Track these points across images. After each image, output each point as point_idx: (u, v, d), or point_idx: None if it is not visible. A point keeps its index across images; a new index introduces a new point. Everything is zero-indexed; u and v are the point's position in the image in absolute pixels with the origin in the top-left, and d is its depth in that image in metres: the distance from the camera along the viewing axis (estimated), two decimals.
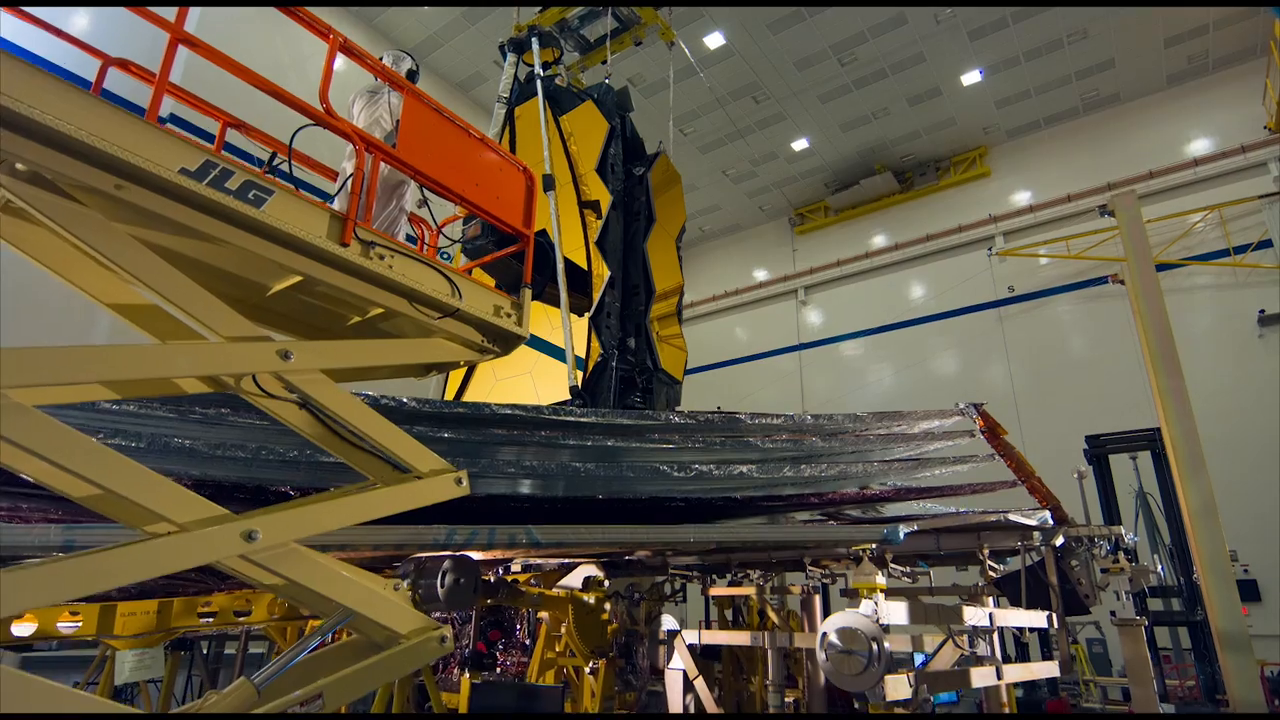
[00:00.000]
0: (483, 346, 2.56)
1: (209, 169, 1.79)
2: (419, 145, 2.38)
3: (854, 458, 4.72)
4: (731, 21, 15.38)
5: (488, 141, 2.65)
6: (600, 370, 7.13)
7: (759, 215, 22.89)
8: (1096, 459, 8.45)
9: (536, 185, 2.83)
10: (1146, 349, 5.84)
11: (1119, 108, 17.70)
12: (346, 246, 2.05)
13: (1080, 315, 16.96)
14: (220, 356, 1.87)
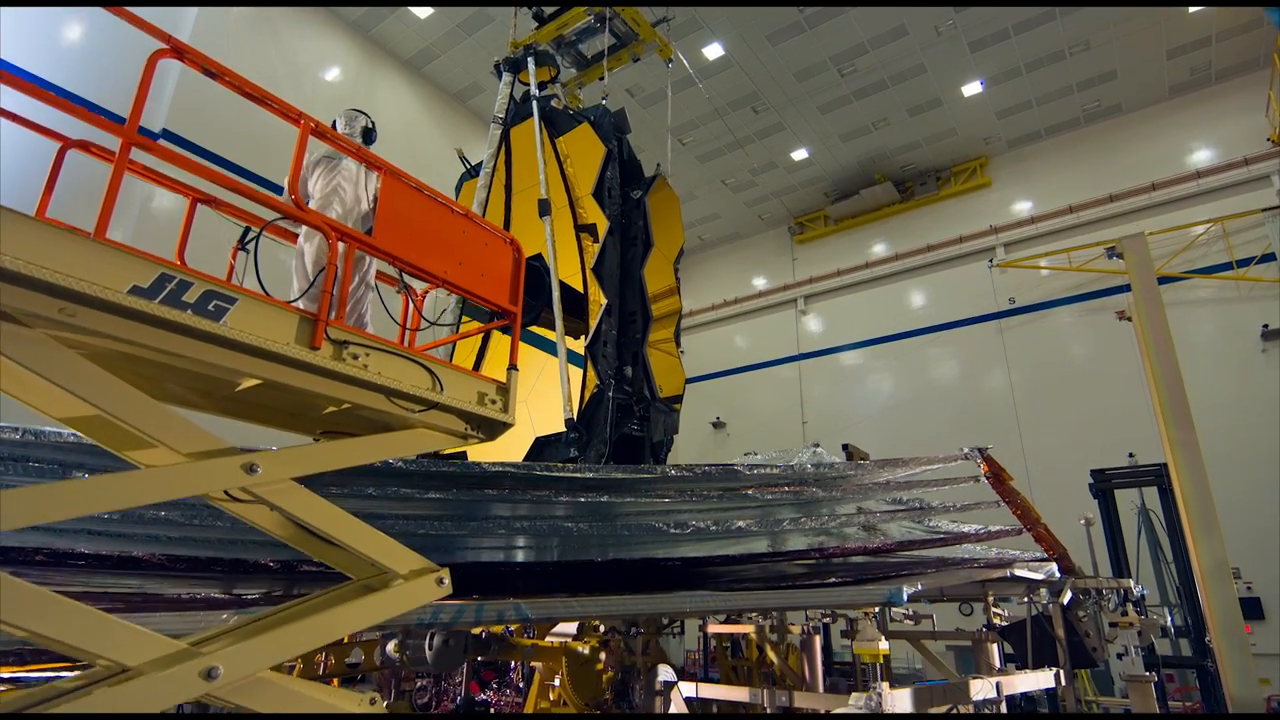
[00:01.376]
0: (466, 434, 2.43)
1: (164, 283, 1.66)
2: (397, 229, 2.25)
3: (855, 507, 4.59)
4: (731, 33, 15.25)
5: (472, 216, 2.52)
6: (597, 401, 7.00)
7: (758, 224, 22.76)
8: (1102, 493, 8.31)
9: (523, 256, 2.71)
10: (1156, 398, 5.69)
11: (1121, 119, 17.58)
12: (317, 350, 1.93)
13: (1082, 327, 16.84)
14: (180, 480, 1.74)
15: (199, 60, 2.02)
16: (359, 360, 2.03)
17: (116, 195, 1.78)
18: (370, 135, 4.03)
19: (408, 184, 2.35)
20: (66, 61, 11.08)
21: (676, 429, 7.83)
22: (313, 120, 2.22)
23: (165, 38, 1.97)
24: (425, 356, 2.22)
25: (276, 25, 13.79)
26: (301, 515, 1.99)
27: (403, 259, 2.23)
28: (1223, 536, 5.09)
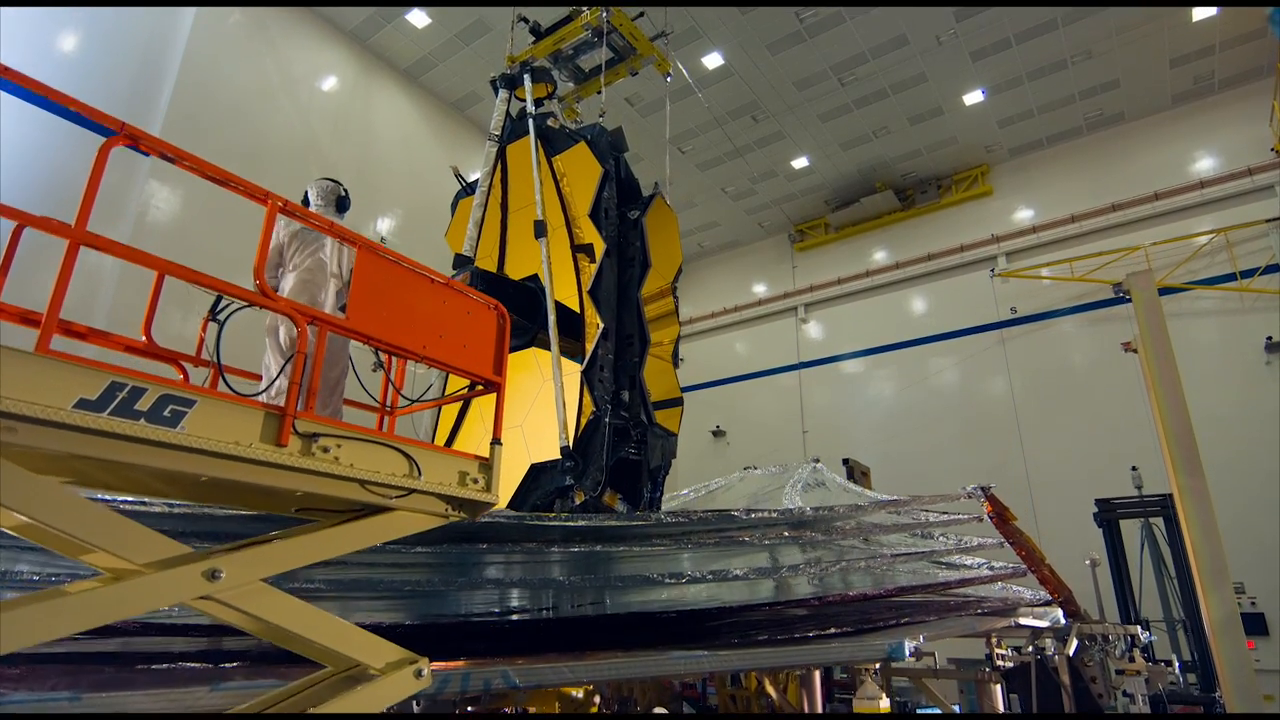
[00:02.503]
0: (448, 514, 2.32)
1: (115, 393, 1.55)
2: (372, 306, 2.15)
3: (856, 552, 4.49)
4: (730, 42, 15.14)
5: (453, 285, 2.42)
6: (593, 428, 6.88)
7: (758, 231, 22.65)
8: (1107, 523, 8.18)
9: (508, 322, 2.60)
10: (1165, 443, 5.56)
11: (1123, 127, 17.46)
12: (284, 447, 1.82)
13: (1084, 337, 16.73)
14: (135, 596, 1.64)
15: (155, 147, 1.91)
16: (330, 453, 1.92)
17: (63, 299, 1.67)
18: (344, 204, 3.93)
19: (384, 257, 2.24)
20: (63, 68, 10.98)
21: (674, 453, 7.72)
22: (280, 199, 2.10)
23: (119, 125, 1.86)
24: (402, 440, 2.11)
25: (272, 35, 13.70)
26: (271, 618, 1.88)
27: (377, 338, 2.12)
28: (1232, 590, 4.98)
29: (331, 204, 4.09)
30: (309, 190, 4.10)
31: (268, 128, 13.31)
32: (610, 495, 7.04)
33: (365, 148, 15.13)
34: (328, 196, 4.00)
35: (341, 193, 4.07)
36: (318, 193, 4.01)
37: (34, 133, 10.54)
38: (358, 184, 14.72)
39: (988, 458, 16.90)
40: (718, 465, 20.86)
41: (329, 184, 4.11)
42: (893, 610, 4.52)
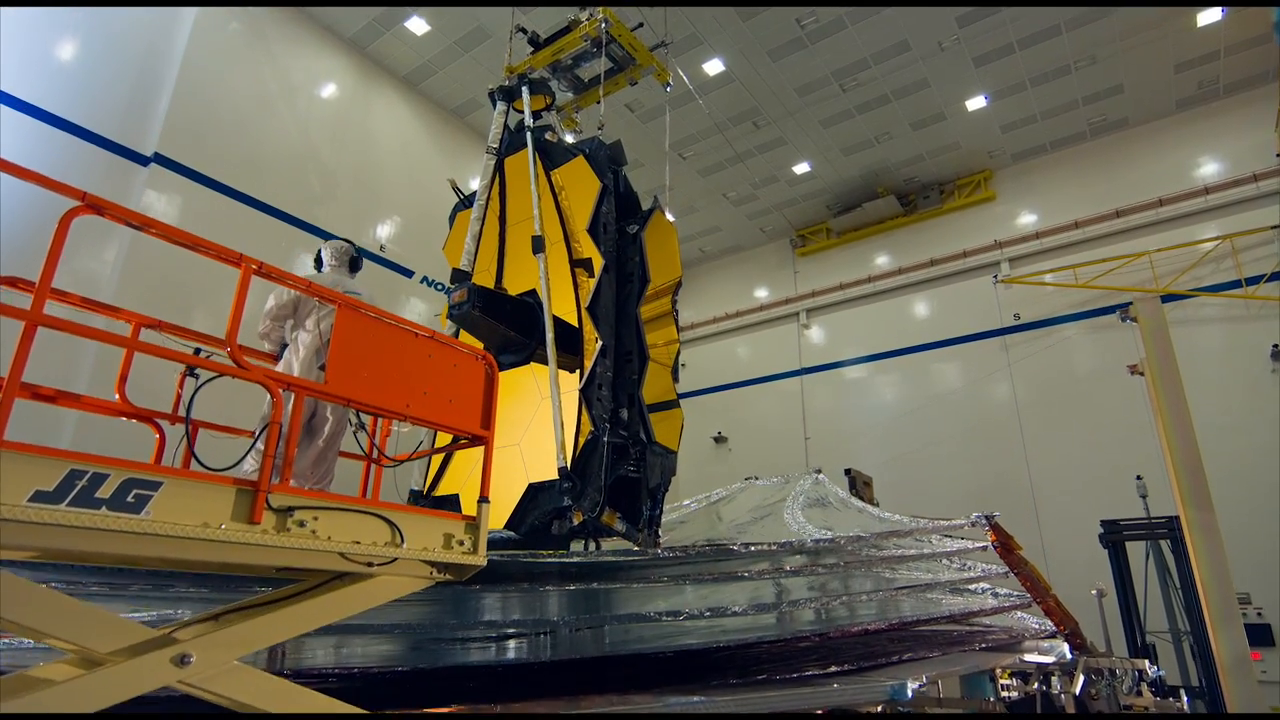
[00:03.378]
0: (433, 576, 2.24)
1: (74, 481, 1.48)
2: (352, 367, 2.07)
3: (859, 582, 4.40)
4: (731, 49, 15.05)
5: (438, 338, 2.34)
6: (591, 447, 6.79)
7: (760, 236, 22.56)
8: (1112, 544, 8.07)
9: (496, 372, 2.52)
10: (1174, 474, 5.46)
11: (1127, 133, 17.34)
12: (257, 525, 1.74)
13: (1088, 344, 16.61)
14: (103, 690, 1.56)
15: (120, 215, 1.83)
16: (306, 527, 1.84)
17: (20, 378, 1.59)
18: (357, 264, 3.89)
19: (366, 314, 2.16)
20: (62, 78, 10.92)
21: (674, 471, 7.63)
22: (255, 262, 2.02)
23: (80, 195, 1.78)
24: (384, 506, 2.03)
25: (271, 43, 13.64)
26: (248, 700, 1.80)
27: (358, 401, 2.04)
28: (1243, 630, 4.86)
29: (345, 264, 4.05)
30: (323, 250, 4.05)
31: (267, 136, 13.25)
32: (609, 514, 6.94)
33: (364, 155, 15.07)
34: (341, 257, 3.96)
35: (354, 253, 4.02)
36: (331, 253, 3.96)
37: (36, 146, 10.49)
38: (356, 191, 14.70)
39: (991, 464, 16.81)
40: (720, 471, 20.77)
41: (342, 244, 4.07)
42: (896, 641, 4.44)
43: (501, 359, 7.94)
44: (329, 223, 13.94)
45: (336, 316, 2.11)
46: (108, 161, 11.16)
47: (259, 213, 12.79)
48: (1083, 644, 4.49)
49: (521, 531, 6.85)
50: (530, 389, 7.66)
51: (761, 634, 4.24)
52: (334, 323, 2.12)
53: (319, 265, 4.15)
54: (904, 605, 4.66)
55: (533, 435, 7.42)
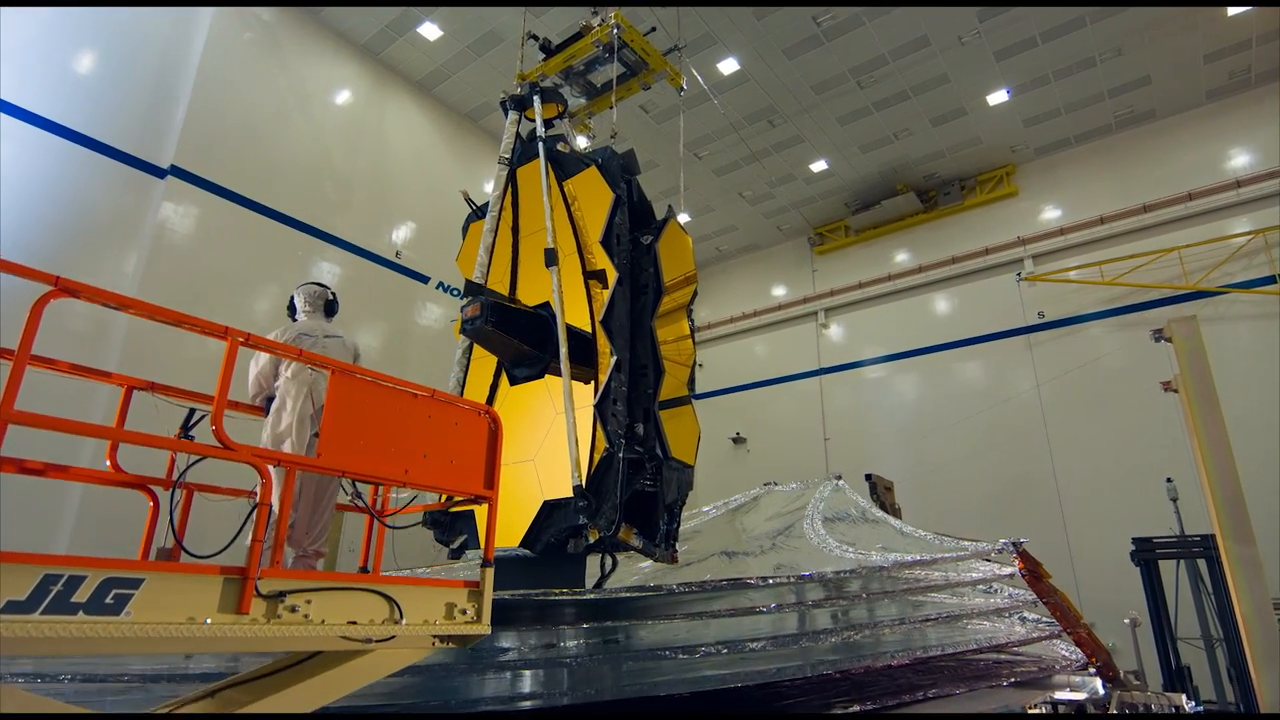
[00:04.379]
0: (435, 646, 2.15)
1: (48, 587, 1.40)
2: (346, 435, 1.98)
3: (881, 610, 4.27)
4: (746, 48, 14.84)
5: (438, 396, 2.25)
6: (607, 465, 6.69)
7: (777, 235, 22.32)
8: (1145, 563, 7.82)
9: (500, 429, 2.43)
10: (1213, 506, 5.21)
11: (1155, 125, 16.89)
12: (245, 615, 1.66)
13: (1115, 342, 16.21)
14: None
15: (96, 297, 1.75)
16: (299, 611, 1.76)
17: None
18: (333, 308, 3.78)
19: (361, 378, 2.07)
20: (79, 91, 11.00)
21: (691, 485, 7.52)
22: (241, 335, 1.94)
23: (53, 280, 1.70)
24: (382, 581, 1.95)
25: (285, 52, 13.66)
26: None
27: (353, 472, 1.96)
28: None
29: (320, 309, 3.93)
30: (295, 296, 3.94)
31: (282, 145, 13.29)
32: (626, 530, 6.85)
33: (379, 162, 15.08)
34: (315, 301, 3.85)
35: (330, 296, 3.92)
36: (305, 299, 3.85)
37: (55, 162, 10.58)
38: (371, 198, 14.70)
39: (1015, 465, 16.51)
40: (738, 473, 20.62)
41: (315, 289, 3.95)
42: (922, 674, 4.31)
43: (515, 373, 7.88)
44: (345, 230, 13.97)
45: (330, 383, 2.03)
46: (125, 175, 11.23)
47: (275, 222, 12.83)
48: (1115, 675, 4.33)
49: (537, 550, 6.79)
50: (545, 403, 7.58)
51: (782, 665, 4.12)
52: (327, 389, 2.05)
53: (293, 312, 4.03)
54: (929, 635, 4.52)
55: (547, 451, 7.33)
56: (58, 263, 10.41)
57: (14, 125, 10.30)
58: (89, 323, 10.58)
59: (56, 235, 10.50)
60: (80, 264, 10.69)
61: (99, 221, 10.93)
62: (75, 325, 10.46)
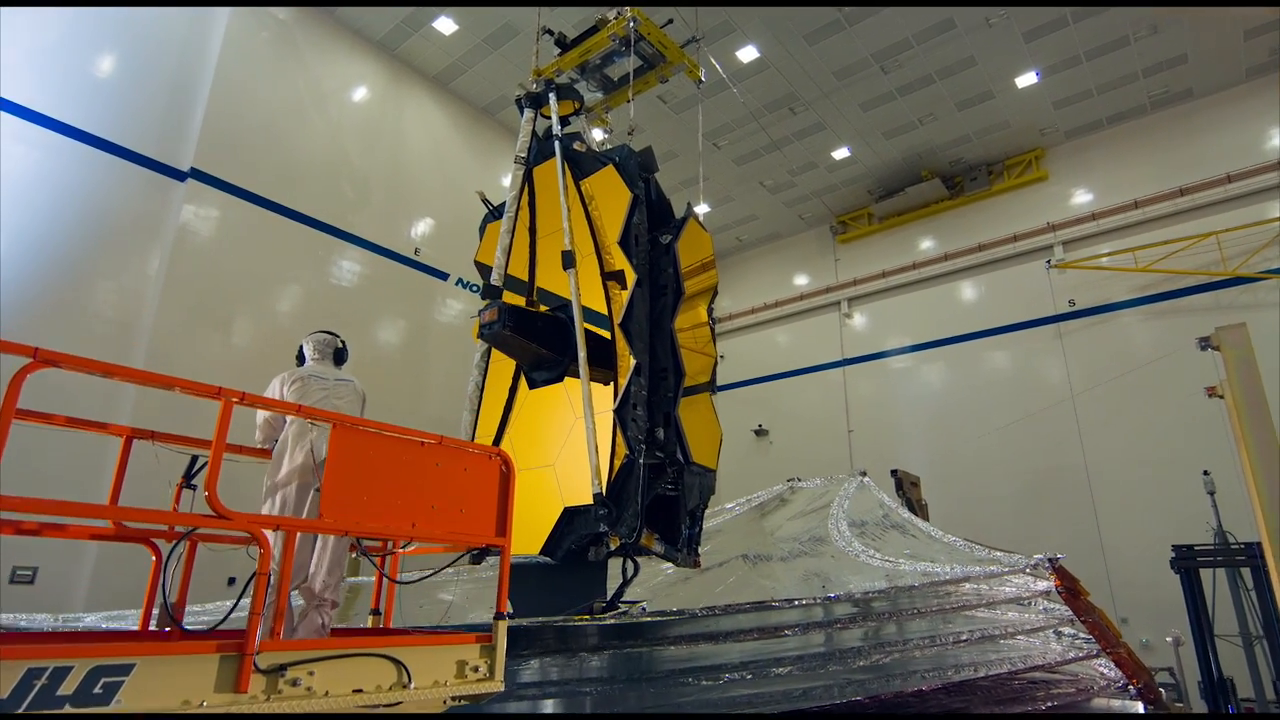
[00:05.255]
0: (446, 704, 2.07)
1: (32, 682, 1.33)
2: (349, 491, 1.89)
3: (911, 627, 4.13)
4: (765, 35, 14.53)
5: (446, 442, 2.15)
6: (627, 471, 6.60)
7: (798, 224, 21.99)
8: (1185, 571, 7.54)
9: (513, 470, 2.32)
10: (1261, 516, 4.99)
11: (1192, 104, 16.30)
12: (243, 694, 1.58)
13: (1149, 331, 15.76)
14: None
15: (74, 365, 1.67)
16: (301, 685, 1.68)
17: None
18: (342, 356, 3.69)
19: (364, 430, 1.97)
20: (100, 97, 11.06)
21: (714, 490, 7.40)
22: (236, 394, 1.84)
23: (31, 351, 1.61)
24: (389, 642, 1.86)
25: (302, 51, 13.63)
26: None
27: (357, 530, 1.87)
28: None
29: (329, 357, 3.85)
30: (304, 345, 3.86)
31: (300, 144, 13.28)
32: (647, 536, 6.76)
33: (396, 159, 15.04)
34: (324, 349, 3.76)
35: (339, 344, 3.83)
36: (314, 347, 3.76)
37: (77, 167, 10.66)
38: (389, 196, 14.68)
39: (1045, 457, 16.17)
40: (761, 465, 20.49)
41: (325, 337, 3.86)
42: (952, 695, 4.17)
43: (534, 376, 7.80)
44: (363, 229, 13.97)
45: (330, 438, 1.94)
46: (146, 179, 11.29)
47: (294, 223, 12.86)
48: (1157, 698, 4.17)
49: (557, 557, 6.72)
50: (564, 407, 7.49)
51: (808, 686, 4.01)
52: (328, 444, 1.96)
53: (301, 360, 3.94)
54: (962, 654, 4.38)
55: (567, 455, 7.25)
56: (83, 267, 10.53)
57: (39, 133, 10.39)
58: (112, 326, 10.69)
59: (82, 240, 10.60)
60: (105, 268, 10.79)
61: (122, 225, 11.01)
62: (100, 330, 10.58)
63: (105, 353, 10.49)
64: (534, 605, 6.70)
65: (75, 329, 10.33)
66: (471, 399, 7.94)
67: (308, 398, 3.32)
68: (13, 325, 9.69)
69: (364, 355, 13.62)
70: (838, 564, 6.40)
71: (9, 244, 9.88)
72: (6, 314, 9.66)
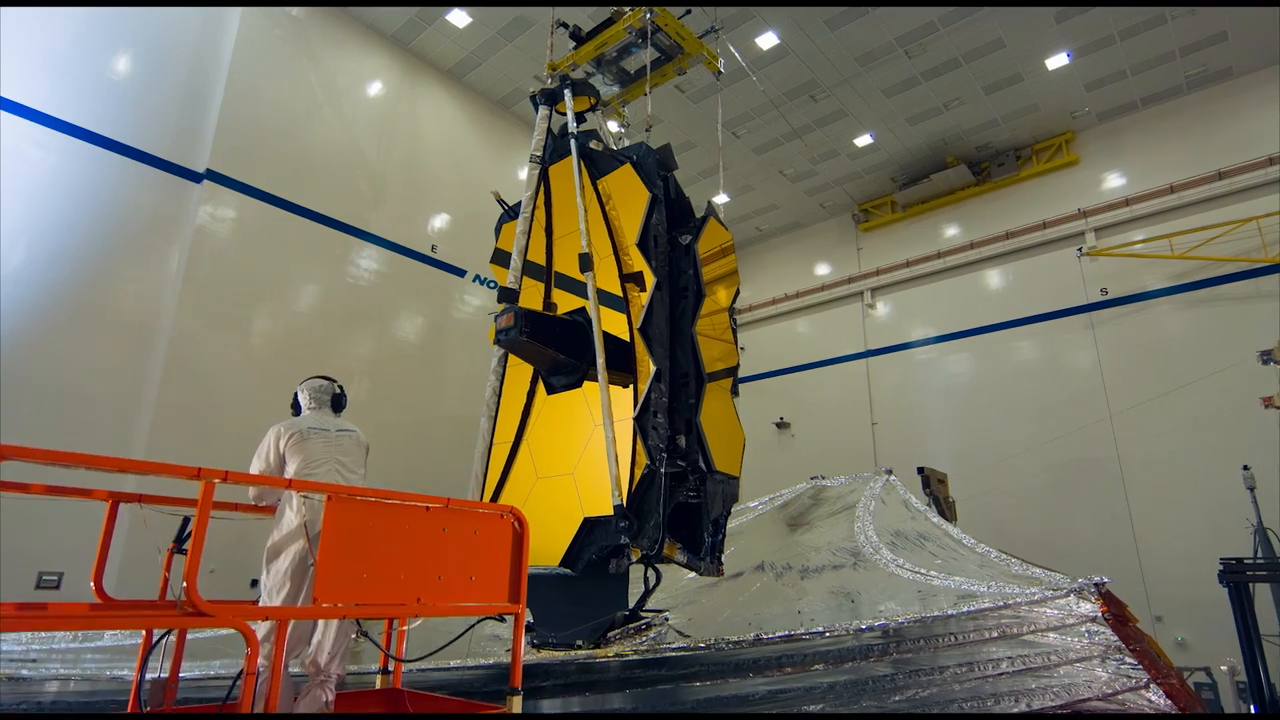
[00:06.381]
0: None
1: None
2: (348, 568, 1.72)
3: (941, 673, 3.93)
4: (785, 21, 14.16)
5: (453, 505, 1.98)
6: (648, 482, 6.44)
7: (820, 212, 21.58)
8: (1234, 586, 7.22)
9: (527, 528, 2.15)
10: None
11: (1230, 84, 15.66)
12: None
13: (1186, 321, 15.26)
14: None
15: (38, 458, 1.51)
16: None
17: None
18: (340, 402, 3.49)
19: (364, 500, 1.81)
20: (115, 98, 11.02)
21: (736, 497, 7.22)
22: (219, 474, 1.68)
23: None
24: (399, 708, 1.70)
25: (315, 47, 13.50)
26: None
27: (355, 613, 1.71)
28: None
29: (326, 405, 3.64)
30: (299, 393, 3.65)
31: (315, 142, 13.18)
32: (670, 546, 6.62)
33: (412, 155, 14.90)
34: (321, 397, 3.55)
35: (337, 390, 3.62)
36: (310, 395, 3.55)
37: (93, 170, 10.64)
38: (406, 193, 14.56)
39: (1076, 450, 15.76)
40: (783, 459, 20.27)
41: (321, 383, 3.64)
42: None
43: (552, 381, 7.65)
44: (380, 227, 13.88)
45: (325, 513, 1.77)
46: (162, 181, 11.26)
47: (311, 222, 12.79)
48: None
49: (578, 569, 6.59)
50: (583, 413, 7.33)
51: None
52: (322, 518, 1.79)
53: (296, 409, 3.71)
54: (1002, 685, 4.16)
55: (587, 463, 7.09)
56: (102, 272, 10.54)
57: (55, 137, 10.38)
58: (132, 330, 10.70)
59: (100, 244, 10.60)
60: (124, 271, 10.79)
61: (140, 228, 11.00)
62: (120, 334, 10.59)
63: (125, 357, 10.53)
64: (555, 616, 6.60)
65: (95, 334, 10.36)
66: (489, 405, 7.82)
67: (307, 453, 3.14)
68: (34, 331, 9.72)
69: (382, 353, 13.57)
70: (867, 577, 6.20)
71: (29, 249, 9.90)
72: (27, 320, 9.69)
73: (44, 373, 9.76)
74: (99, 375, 10.27)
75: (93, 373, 10.21)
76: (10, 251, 9.69)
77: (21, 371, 9.50)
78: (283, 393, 3.99)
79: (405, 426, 13.34)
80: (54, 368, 9.87)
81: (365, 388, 13.13)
